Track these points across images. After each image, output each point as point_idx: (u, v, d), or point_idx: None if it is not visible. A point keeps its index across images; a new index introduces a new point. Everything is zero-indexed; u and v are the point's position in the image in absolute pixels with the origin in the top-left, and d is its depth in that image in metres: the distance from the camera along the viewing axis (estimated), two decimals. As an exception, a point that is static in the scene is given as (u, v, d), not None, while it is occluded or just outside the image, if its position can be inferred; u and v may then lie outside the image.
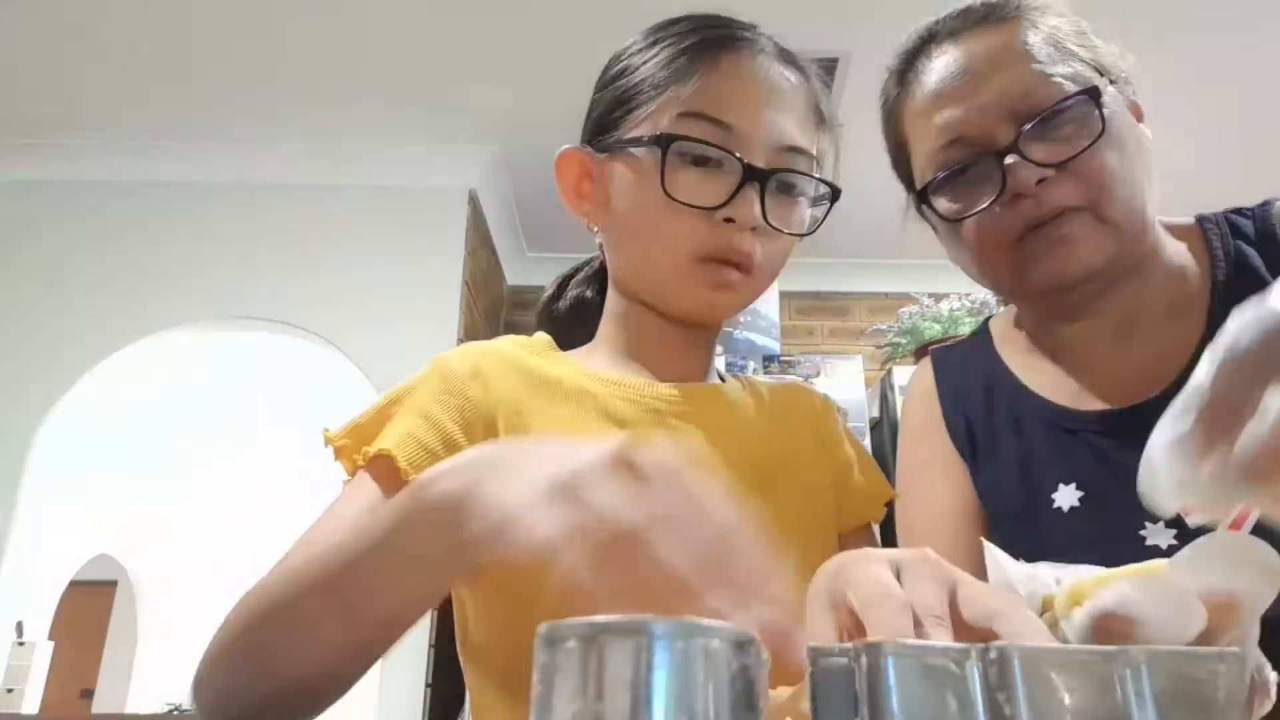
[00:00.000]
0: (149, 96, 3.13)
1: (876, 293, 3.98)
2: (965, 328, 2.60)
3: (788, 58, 0.73)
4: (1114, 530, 0.69)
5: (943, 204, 0.76)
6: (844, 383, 2.86)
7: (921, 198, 0.77)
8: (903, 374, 2.66)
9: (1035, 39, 0.73)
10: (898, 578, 0.36)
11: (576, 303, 0.86)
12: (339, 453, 0.65)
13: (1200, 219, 0.80)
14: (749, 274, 0.69)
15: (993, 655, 0.26)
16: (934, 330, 2.69)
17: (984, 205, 0.72)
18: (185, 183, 3.38)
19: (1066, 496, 0.74)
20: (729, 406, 0.77)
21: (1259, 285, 0.72)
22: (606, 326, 0.80)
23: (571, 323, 0.84)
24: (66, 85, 3.08)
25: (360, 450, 0.64)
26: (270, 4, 2.75)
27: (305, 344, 3.31)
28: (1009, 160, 0.70)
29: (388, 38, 2.87)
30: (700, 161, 0.67)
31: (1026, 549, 0.76)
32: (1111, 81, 0.73)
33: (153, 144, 3.34)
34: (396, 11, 2.76)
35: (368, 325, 3.15)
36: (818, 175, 0.72)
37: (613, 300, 0.79)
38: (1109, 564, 0.50)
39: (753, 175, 0.66)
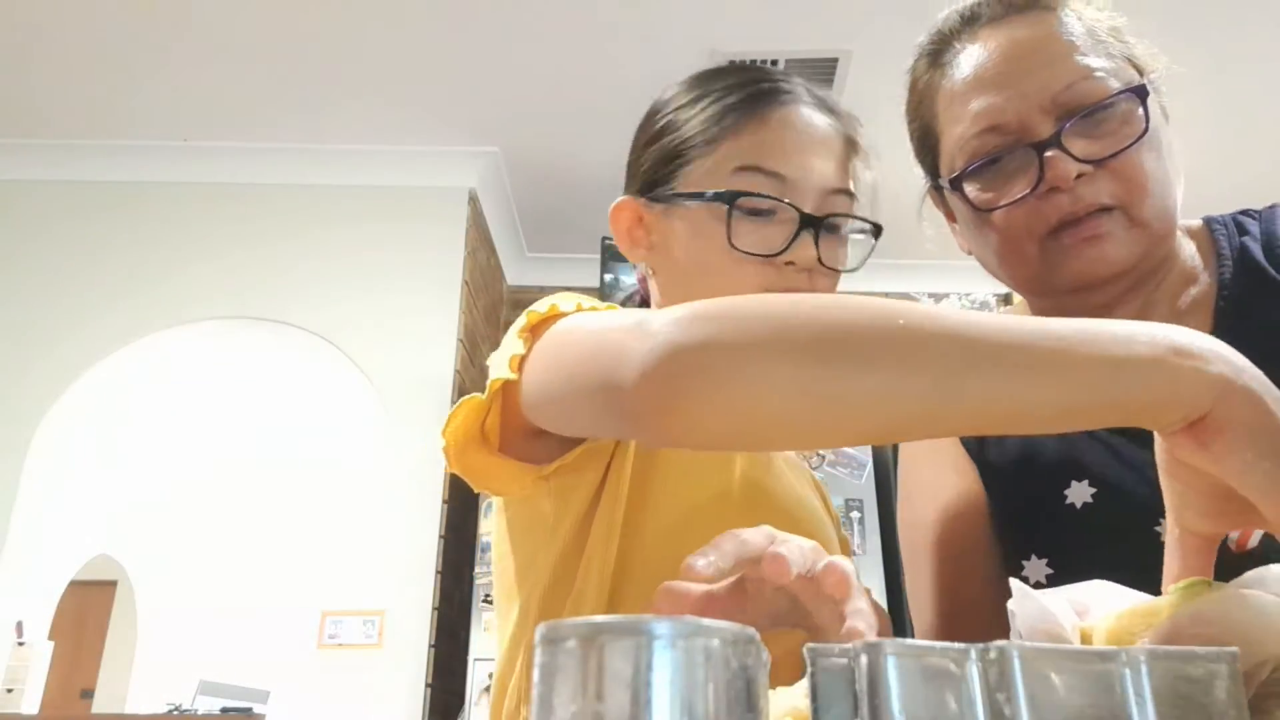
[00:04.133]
0: (149, 97, 3.14)
1: (876, 292, 3.95)
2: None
3: (822, 103, 0.77)
4: (1127, 527, 0.69)
5: (973, 192, 0.74)
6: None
7: (954, 184, 0.75)
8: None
9: (1079, 30, 0.72)
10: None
11: None
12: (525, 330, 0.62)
13: (1208, 220, 0.79)
14: None
15: (993, 655, 0.26)
16: (934, 330, 2.68)
17: (1018, 197, 0.70)
18: (186, 183, 3.38)
19: (1079, 493, 0.73)
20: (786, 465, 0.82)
21: (1263, 282, 0.72)
22: None
23: None
24: (67, 85, 3.08)
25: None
26: (270, 5, 2.75)
27: (305, 344, 3.31)
28: (1049, 153, 0.68)
29: (388, 38, 2.87)
30: (758, 212, 0.72)
31: (1038, 545, 0.76)
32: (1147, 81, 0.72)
33: (153, 144, 3.35)
34: (397, 11, 2.76)
35: (368, 325, 3.15)
36: (860, 215, 0.77)
37: None
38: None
39: (807, 222, 0.72)
